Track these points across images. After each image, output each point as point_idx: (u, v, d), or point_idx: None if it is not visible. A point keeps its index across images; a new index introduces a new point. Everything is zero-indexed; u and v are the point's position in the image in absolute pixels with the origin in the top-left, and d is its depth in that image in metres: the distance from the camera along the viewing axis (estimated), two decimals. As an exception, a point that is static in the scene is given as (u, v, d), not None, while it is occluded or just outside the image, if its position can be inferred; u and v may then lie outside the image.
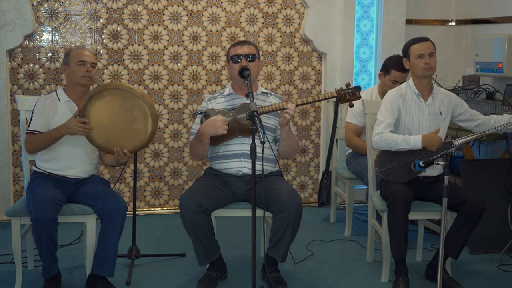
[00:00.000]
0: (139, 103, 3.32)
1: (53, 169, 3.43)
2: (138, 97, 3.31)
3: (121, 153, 3.35)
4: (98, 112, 3.32)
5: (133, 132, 3.35)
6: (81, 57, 3.43)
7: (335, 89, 3.46)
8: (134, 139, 3.37)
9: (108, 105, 3.32)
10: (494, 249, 4.06)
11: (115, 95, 3.32)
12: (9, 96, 4.62)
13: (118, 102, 3.32)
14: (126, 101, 3.32)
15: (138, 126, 3.35)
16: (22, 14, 4.54)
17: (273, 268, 3.47)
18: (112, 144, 3.36)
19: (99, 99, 3.31)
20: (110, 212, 3.31)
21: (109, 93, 3.32)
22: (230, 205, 3.51)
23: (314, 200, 5.31)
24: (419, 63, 3.53)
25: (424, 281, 3.62)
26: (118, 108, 3.33)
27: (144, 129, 3.35)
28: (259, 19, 5.05)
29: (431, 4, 5.46)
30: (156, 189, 5.03)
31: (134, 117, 3.34)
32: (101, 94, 3.31)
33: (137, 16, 4.82)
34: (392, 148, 3.50)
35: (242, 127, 3.41)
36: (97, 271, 3.33)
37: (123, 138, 3.36)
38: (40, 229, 3.14)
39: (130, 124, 3.34)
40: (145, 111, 3.33)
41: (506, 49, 4.37)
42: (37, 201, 3.19)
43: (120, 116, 3.34)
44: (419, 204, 3.56)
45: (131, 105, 3.33)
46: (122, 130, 3.35)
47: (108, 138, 3.35)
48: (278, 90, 5.15)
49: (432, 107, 3.59)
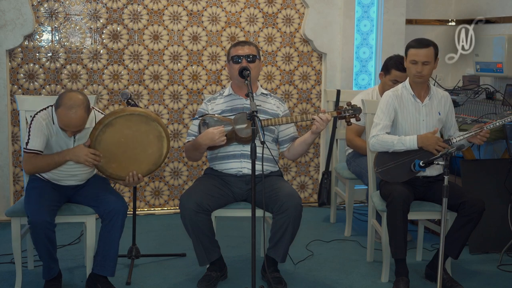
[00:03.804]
0: (154, 126, 3.27)
1: (50, 178, 3.37)
2: (153, 121, 3.26)
3: (136, 178, 3.29)
4: (110, 141, 3.24)
5: (147, 156, 3.30)
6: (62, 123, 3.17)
7: (336, 108, 3.50)
8: (149, 163, 3.32)
9: (120, 132, 3.24)
10: (494, 249, 4.06)
11: (129, 121, 3.24)
12: (9, 96, 4.62)
13: (132, 128, 3.25)
14: (141, 126, 3.26)
15: (153, 149, 3.30)
16: (22, 14, 4.53)
17: (273, 268, 3.47)
18: (125, 170, 3.29)
19: (111, 127, 3.24)
20: (111, 212, 3.29)
21: (122, 119, 3.23)
22: (230, 205, 3.51)
23: (314, 200, 5.31)
24: (412, 68, 3.52)
25: (424, 281, 3.62)
26: (132, 135, 3.26)
27: (159, 151, 3.31)
28: (259, 19, 5.05)
29: (431, 4, 5.46)
30: (156, 189, 5.03)
31: (149, 141, 3.28)
32: (113, 122, 3.23)
33: (137, 16, 4.82)
34: (389, 149, 3.50)
35: (240, 139, 3.42)
36: (97, 271, 3.32)
37: (137, 163, 3.30)
38: (37, 232, 3.13)
39: (145, 149, 3.29)
40: (161, 134, 3.28)
41: (506, 49, 4.37)
42: (34, 204, 3.18)
43: (134, 142, 3.27)
44: (419, 204, 3.56)
45: (146, 130, 3.27)
46: (137, 156, 3.29)
47: (122, 166, 3.29)
48: (278, 90, 5.15)
49: (429, 108, 3.59)
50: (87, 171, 3.40)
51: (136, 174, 3.29)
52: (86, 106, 3.18)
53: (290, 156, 3.62)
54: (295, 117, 3.47)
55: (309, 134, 3.48)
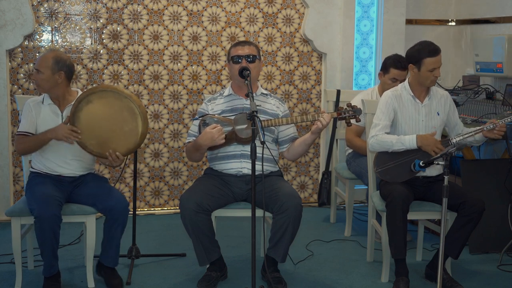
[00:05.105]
0: (127, 103, 3.29)
1: (47, 169, 3.45)
2: (126, 97, 3.28)
3: (114, 156, 3.32)
4: (87, 117, 3.29)
5: (124, 134, 3.32)
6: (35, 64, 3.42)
7: (336, 109, 3.50)
8: (126, 141, 3.33)
9: (97, 109, 3.29)
10: (494, 249, 4.06)
11: (103, 98, 3.28)
12: (9, 96, 4.62)
13: (106, 105, 3.29)
14: (115, 102, 3.29)
15: (129, 127, 3.31)
16: (22, 14, 4.54)
17: (273, 268, 3.47)
18: (105, 148, 3.32)
19: (87, 104, 3.28)
20: (111, 211, 3.35)
21: (96, 96, 3.28)
22: (230, 205, 3.51)
23: (314, 200, 5.31)
24: (430, 75, 3.51)
25: (424, 281, 3.62)
26: (107, 111, 3.29)
27: (135, 130, 3.32)
28: (259, 19, 5.05)
29: (431, 4, 5.46)
30: (156, 189, 5.03)
31: (124, 118, 3.30)
32: (89, 99, 3.28)
33: (137, 16, 4.82)
34: (388, 149, 3.50)
35: (240, 139, 3.43)
36: (101, 260, 3.48)
37: (115, 141, 3.32)
38: (44, 226, 3.15)
39: (121, 126, 3.31)
40: (133, 111, 3.29)
41: (506, 49, 4.37)
42: (40, 198, 3.21)
43: (110, 119, 3.30)
44: (419, 204, 3.56)
45: (119, 106, 3.29)
46: (114, 133, 3.31)
47: (100, 142, 3.32)
48: (278, 90, 5.15)
49: (429, 108, 3.59)
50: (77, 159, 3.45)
51: (113, 153, 3.32)
52: (56, 55, 3.38)
53: (290, 157, 3.62)
54: (295, 117, 3.47)
55: (309, 135, 3.48)
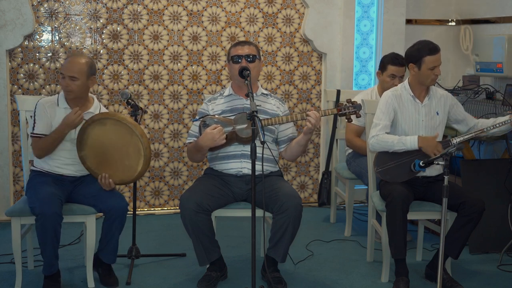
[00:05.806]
0: (135, 141, 3.34)
1: (48, 168, 3.46)
2: (137, 135, 3.33)
3: (107, 181, 3.37)
4: (96, 137, 3.36)
5: (123, 166, 3.39)
6: (62, 69, 3.42)
7: (336, 106, 3.51)
8: (123, 174, 3.40)
9: (108, 133, 3.36)
10: (494, 249, 4.06)
11: (117, 126, 3.34)
12: (9, 96, 4.62)
13: (117, 134, 3.35)
14: (126, 135, 3.35)
15: (130, 162, 3.38)
16: (22, 14, 4.54)
17: (273, 268, 3.47)
18: (101, 170, 3.39)
19: (100, 125, 3.35)
20: (110, 211, 3.36)
21: (111, 123, 3.35)
22: (230, 205, 3.51)
23: (314, 200, 5.31)
24: (431, 74, 3.51)
25: (424, 281, 3.62)
26: (116, 140, 3.36)
27: (135, 167, 3.38)
28: (259, 19, 5.05)
29: (431, 4, 5.46)
30: (156, 189, 5.03)
31: (128, 153, 3.37)
32: (103, 122, 3.35)
33: (137, 16, 4.82)
34: (389, 149, 3.50)
35: (241, 139, 3.43)
36: (100, 255, 3.48)
37: (113, 168, 3.39)
38: (45, 224, 3.16)
39: (123, 159, 3.38)
40: (139, 151, 3.35)
41: (506, 49, 4.37)
42: (42, 197, 3.22)
43: (116, 147, 3.37)
44: (419, 204, 3.56)
45: (128, 141, 3.35)
46: (115, 162, 3.39)
47: (99, 164, 3.40)
48: (278, 90, 5.15)
49: (429, 108, 3.59)
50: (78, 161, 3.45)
51: (107, 178, 3.37)
52: (88, 61, 3.42)
53: (288, 157, 3.62)
54: (290, 116, 3.47)
55: (301, 136, 3.49)
